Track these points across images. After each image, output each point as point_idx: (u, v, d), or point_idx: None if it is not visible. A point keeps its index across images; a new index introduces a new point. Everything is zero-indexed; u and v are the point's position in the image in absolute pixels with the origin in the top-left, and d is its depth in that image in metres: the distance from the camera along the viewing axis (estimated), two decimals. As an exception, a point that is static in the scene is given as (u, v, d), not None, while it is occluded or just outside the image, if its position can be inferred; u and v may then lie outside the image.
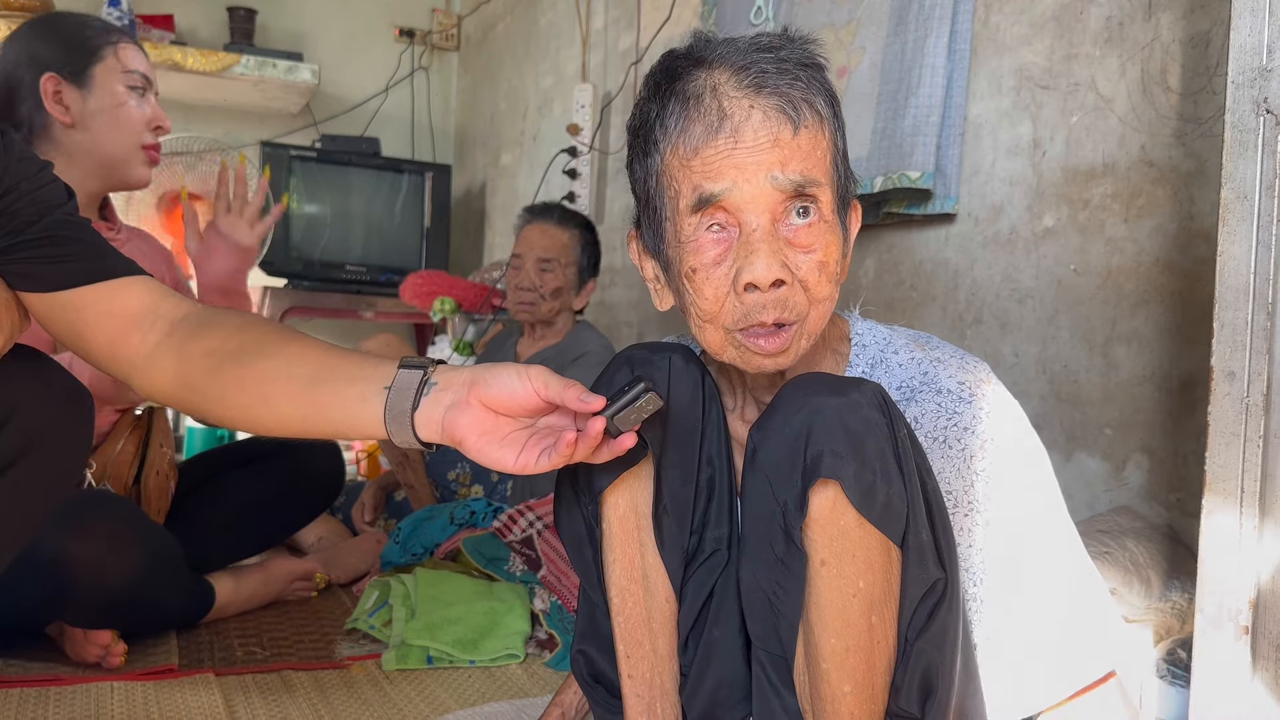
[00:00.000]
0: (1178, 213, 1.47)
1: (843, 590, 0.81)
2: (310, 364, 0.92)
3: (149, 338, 0.99)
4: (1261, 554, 0.97)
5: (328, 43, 4.26)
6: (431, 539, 2.02)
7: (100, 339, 1.00)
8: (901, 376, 0.97)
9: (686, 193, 0.89)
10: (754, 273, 0.86)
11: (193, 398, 0.97)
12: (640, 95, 0.95)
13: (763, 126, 0.87)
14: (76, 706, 1.41)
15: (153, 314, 1.00)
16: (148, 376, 0.99)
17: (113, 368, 1.01)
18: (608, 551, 0.98)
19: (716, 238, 0.89)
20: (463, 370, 0.88)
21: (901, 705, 0.85)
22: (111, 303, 1.00)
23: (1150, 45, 1.51)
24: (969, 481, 0.92)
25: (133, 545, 1.57)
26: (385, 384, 0.88)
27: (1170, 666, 1.28)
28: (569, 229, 2.45)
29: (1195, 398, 1.43)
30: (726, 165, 0.87)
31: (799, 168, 0.87)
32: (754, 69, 0.87)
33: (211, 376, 0.95)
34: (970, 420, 0.92)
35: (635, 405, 0.80)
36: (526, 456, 0.83)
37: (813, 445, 0.80)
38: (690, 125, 0.88)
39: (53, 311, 1.01)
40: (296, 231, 3.66)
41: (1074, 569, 0.96)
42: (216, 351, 0.95)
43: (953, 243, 1.85)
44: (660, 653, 0.99)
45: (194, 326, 0.99)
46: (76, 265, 1.00)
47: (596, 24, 3.20)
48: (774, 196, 0.87)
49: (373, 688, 1.54)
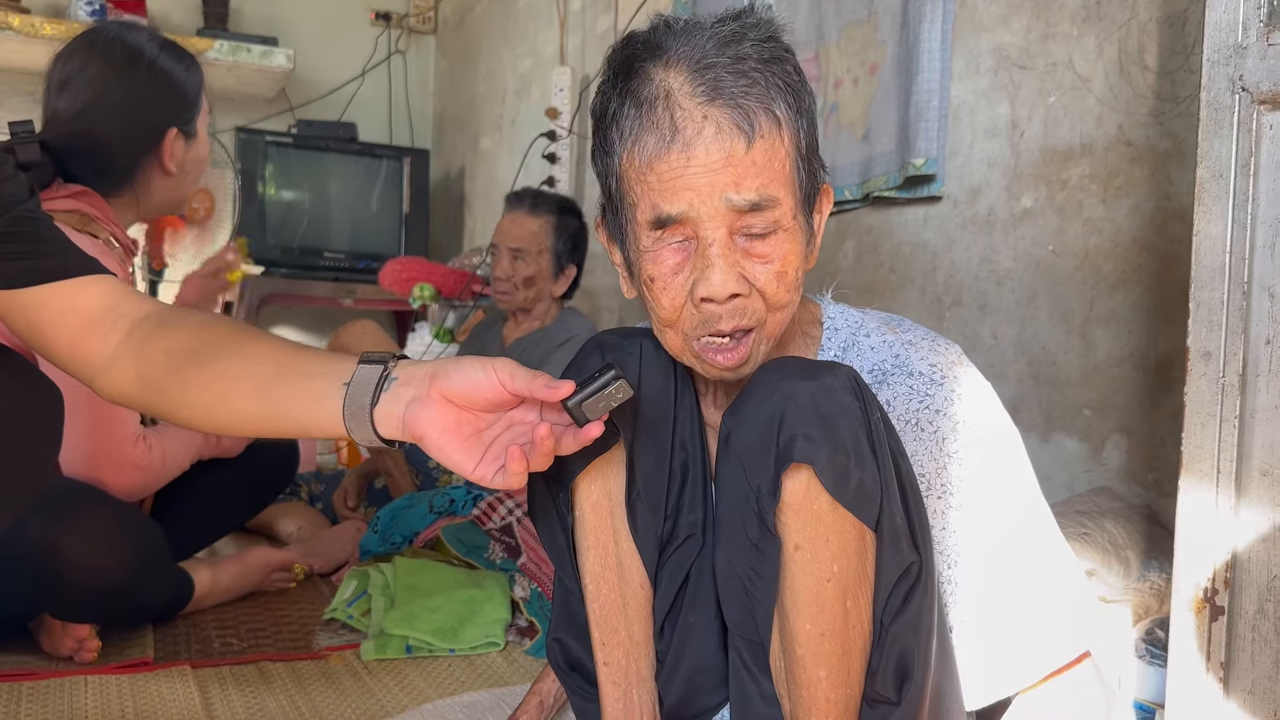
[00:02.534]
0: (1155, 192, 1.47)
1: (817, 575, 0.80)
2: (271, 363, 0.91)
3: (110, 338, 0.97)
4: (1238, 533, 0.97)
5: (303, 27, 4.21)
6: (410, 528, 2.01)
7: (61, 338, 0.98)
8: (873, 360, 0.96)
9: (645, 208, 0.87)
10: (710, 288, 0.85)
11: (154, 398, 0.95)
12: (602, 79, 0.93)
13: (715, 142, 0.84)
14: (49, 701, 1.40)
15: (114, 314, 0.98)
16: (108, 378, 0.97)
17: (74, 368, 0.99)
18: (581, 539, 0.97)
19: (675, 247, 0.88)
20: (425, 364, 0.86)
21: (878, 689, 0.84)
22: (74, 301, 0.98)
23: (1127, 24, 1.50)
24: (941, 464, 0.91)
25: (126, 539, 1.56)
26: (344, 380, 0.86)
27: (1149, 647, 1.29)
28: (540, 216, 2.41)
29: (1173, 378, 1.42)
30: (680, 185, 0.85)
31: (754, 185, 0.85)
32: (709, 74, 0.84)
33: (171, 376, 0.93)
34: (942, 402, 0.92)
35: (604, 393, 0.78)
36: (485, 468, 0.81)
37: (785, 429, 0.79)
38: (643, 135, 0.85)
39: (14, 309, 0.99)
40: (274, 219, 3.62)
41: (1047, 550, 0.96)
42: (177, 351, 0.94)
43: (931, 225, 1.85)
44: (636, 639, 0.98)
45: (155, 326, 0.97)
46: (37, 262, 0.98)
47: (574, 6, 3.18)
48: (729, 214, 0.85)
49: (351, 678, 1.53)
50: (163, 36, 1.73)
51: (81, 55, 1.63)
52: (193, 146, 1.72)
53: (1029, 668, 0.94)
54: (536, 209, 2.42)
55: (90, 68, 1.62)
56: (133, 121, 1.64)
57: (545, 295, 2.44)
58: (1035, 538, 0.95)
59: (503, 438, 0.84)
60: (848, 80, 2.01)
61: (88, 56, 1.63)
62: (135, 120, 1.64)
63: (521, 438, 0.83)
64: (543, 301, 2.45)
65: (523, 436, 0.83)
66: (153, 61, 1.66)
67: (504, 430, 0.84)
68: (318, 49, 4.18)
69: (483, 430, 0.84)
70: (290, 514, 2.35)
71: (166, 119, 1.67)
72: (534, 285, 2.40)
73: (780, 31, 0.89)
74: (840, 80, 2.02)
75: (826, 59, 2.05)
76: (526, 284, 2.40)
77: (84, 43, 1.65)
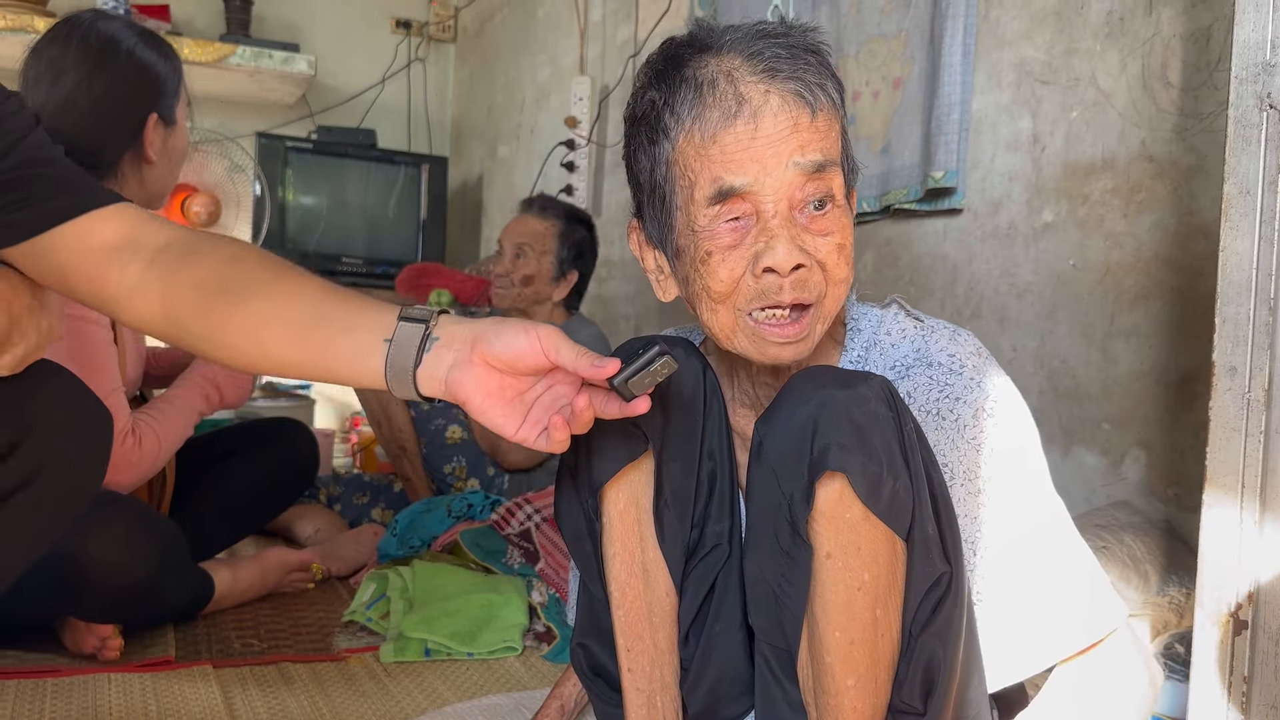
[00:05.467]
0: (1177, 208, 1.47)
1: (848, 583, 0.81)
2: (303, 308, 0.89)
3: (129, 269, 0.93)
4: (1262, 548, 0.97)
5: (324, 33, 4.24)
6: (429, 532, 2.02)
7: (80, 278, 0.95)
8: (895, 356, 0.97)
9: (704, 183, 0.88)
10: (774, 258, 0.86)
11: (179, 333, 0.92)
12: (638, 83, 0.94)
13: (782, 111, 0.86)
14: (74, 698, 1.41)
15: (132, 245, 0.94)
16: (129, 307, 0.93)
17: (96, 304, 0.96)
18: (608, 545, 0.97)
19: (733, 225, 0.89)
20: (465, 324, 0.85)
21: (904, 699, 0.85)
22: (88, 239, 0.94)
23: (1151, 40, 1.50)
24: (963, 451, 0.92)
25: (148, 542, 1.57)
26: (385, 336, 0.84)
27: (1168, 661, 1.29)
28: (547, 218, 2.43)
29: (1194, 393, 1.43)
30: (746, 157, 0.87)
31: (819, 148, 0.88)
32: (766, 54, 0.87)
33: (199, 314, 0.90)
34: (961, 390, 0.92)
35: (650, 369, 0.78)
36: (527, 430, 0.82)
37: (819, 438, 0.80)
38: (706, 111, 0.87)
39: (34, 259, 0.96)
40: (292, 223, 3.65)
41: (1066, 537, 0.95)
42: (205, 285, 0.91)
43: (951, 237, 1.85)
44: (661, 646, 0.98)
45: (179, 255, 0.93)
46: (46, 206, 0.94)
47: (594, 16, 3.20)
48: (794, 183, 0.87)
49: (371, 680, 1.54)
50: (138, 25, 1.71)
51: (59, 46, 1.60)
52: (172, 135, 1.69)
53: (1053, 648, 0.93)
54: (545, 212, 2.45)
55: (68, 58, 1.59)
56: (114, 109, 1.61)
57: (544, 298, 2.45)
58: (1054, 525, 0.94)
59: (543, 399, 0.84)
60: (866, 93, 2.02)
61: (64, 48, 1.60)
62: (117, 108, 1.62)
63: (561, 400, 0.83)
64: (542, 304, 2.46)
65: (562, 399, 0.83)
66: (131, 49, 1.64)
67: (545, 391, 0.84)
68: (339, 56, 4.22)
69: (524, 392, 0.84)
70: (308, 516, 2.36)
71: (147, 106, 1.64)
72: (531, 284, 2.42)
73: (818, 34, 0.92)
74: (858, 93, 2.03)
75: (844, 72, 2.06)
76: (524, 282, 2.41)
77: (59, 34, 1.62)
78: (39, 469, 1.02)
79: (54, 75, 1.58)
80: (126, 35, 1.65)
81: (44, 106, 1.58)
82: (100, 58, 1.60)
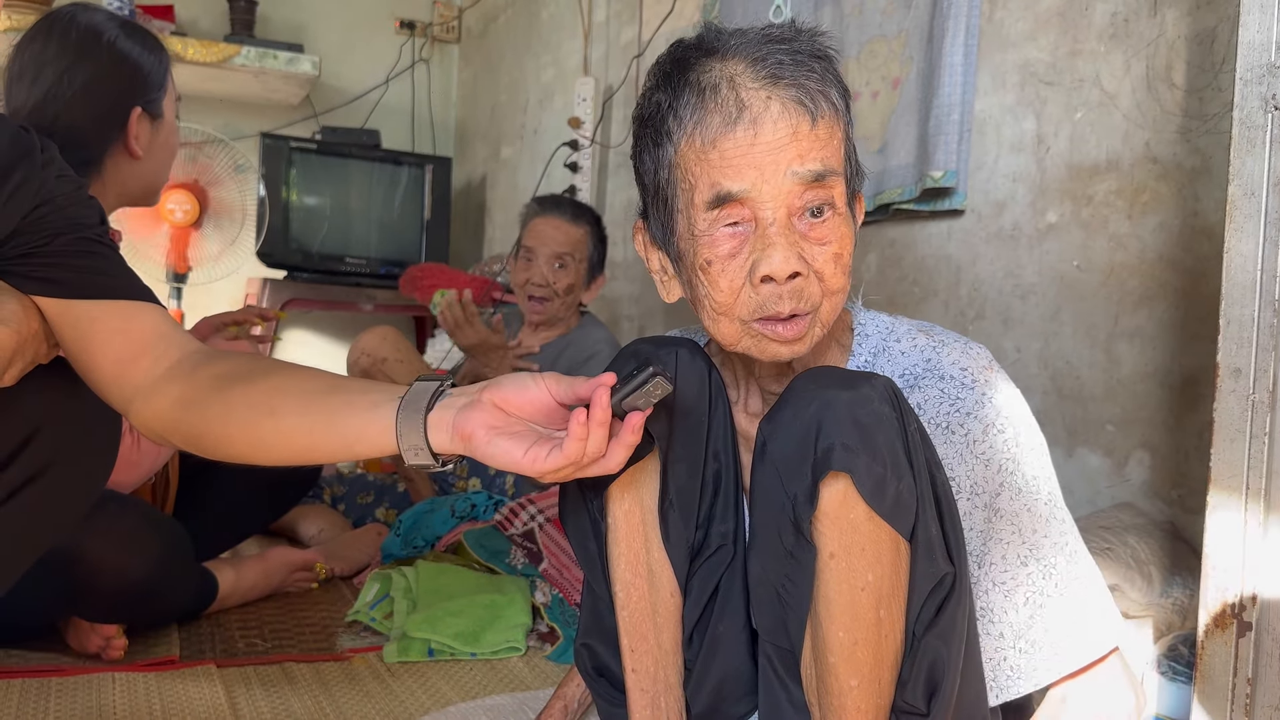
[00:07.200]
0: (1182, 209, 1.47)
1: (851, 583, 0.81)
2: (323, 380, 0.93)
3: (161, 362, 0.98)
4: (1265, 550, 0.97)
5: (328, 34, 4.24)
6: (433, 532, 2.02)
7: (108, 356, 0.99)
8: (904, 364, 0.97)
9: (703, 188, 0.88)
10: (771, 265, 0.86)
11: (193, 419, 0.94)
12: (647, 85, 0.94)
13: (782, 119, 0.86)
14: (78, 698, 1.41)
15: (166, 341, 1.00)
16: (148, 401, 0.97)
17: (114, 389, 0.99)
18: (613, 546, 0.98)
19: (732, 232, 0.89)
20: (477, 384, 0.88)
21: (907, 700, 0.85)
22: (127, 322, 1.00)
23: (1155, 42, 1.50)
24: (970, 466, 0.92)
25: (152, 542, 1.57)
26: (399, 394, 0.87)
27: (1171, 663, 1.29)
28: (582, 225, 2.41)
29: (1198, 394, 1.43)
30: (745, 163, 0.87)
31: (818, 157, 0.87)
32: (770, 60, 0.87)
33: (217, 394, 0.93)
34: (973, 405, 0.92)
35: (644, 390, 0.79)
36: (536, 450, 0.81)
37: (823, 438, 0.80)
38: (707, 116, 0.87)
39: (66, 319, 1.00)
40: (296, 223, 3.65)
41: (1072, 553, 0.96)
42: (227, 375, 0.95)
43: (955, 238, 1.85)
44: (665, 647, 0.99)
45: (205, 357, 0.99)
46: (98, 279, 1.00)
47: (598, 17, 3.20)
48: (792, 191, 0.87)
49: (374, 680, 1.54)
50: (122, 17, 1.67)
51: (40, 41, 1.58)
52: (160, 130, 1.65)
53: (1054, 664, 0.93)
54: (579, 218, 2.42)
55: (49, 51, 1.56)
56: (96, 102, 1.57)
57: (576, 303, 2.46)
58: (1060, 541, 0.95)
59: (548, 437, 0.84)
60: (865, 93, 2.02)
61: (46, 41, 1.57)
62: (98, 100, 1.57)
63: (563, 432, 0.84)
64: (570, 309, 2.46)
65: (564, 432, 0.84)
66: (113, 41, 1.60)
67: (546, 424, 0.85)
68: (343, 56, 4.22)
69: (526, 430, 0.84)
70: (312, 516, 2.37)
71: (130, 98, 1.60)
72: (573, 293, 2.41)
73: (826, 39, 0.92)
74: (857, 93, 2.04)
75: (846, 73, 2.06)
76: (567, 291, 2.39)
77: (41, 28, 1.60)
78: (50, 462, 1.03)
79: (36, 70, 1.55)
80: (108, 26, 1.61)
81: (27, 103, 1.55)
82: (80, 50, 1.57)
